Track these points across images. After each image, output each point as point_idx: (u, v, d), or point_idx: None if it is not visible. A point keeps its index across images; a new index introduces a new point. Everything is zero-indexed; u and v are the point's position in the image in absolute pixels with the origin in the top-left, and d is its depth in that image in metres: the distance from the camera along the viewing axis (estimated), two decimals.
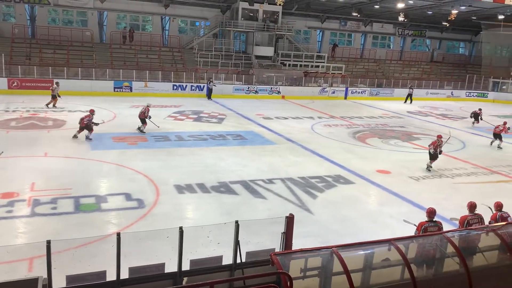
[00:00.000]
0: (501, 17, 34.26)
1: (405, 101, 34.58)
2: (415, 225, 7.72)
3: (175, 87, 30.21)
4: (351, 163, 15.21)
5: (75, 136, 16.26)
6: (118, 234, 5.78)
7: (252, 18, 35.80)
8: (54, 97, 22.91)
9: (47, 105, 22.62)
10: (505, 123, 19.63)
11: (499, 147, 19.15)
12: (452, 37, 47.96)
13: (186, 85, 30.52)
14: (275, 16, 36.43)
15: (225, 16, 36.52)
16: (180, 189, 11.68)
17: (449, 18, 34.45)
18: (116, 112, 22.47)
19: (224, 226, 6.62)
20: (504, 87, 40.15)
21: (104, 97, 26.89)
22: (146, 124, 18.00)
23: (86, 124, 16.06)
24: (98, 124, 16.30)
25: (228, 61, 34.34)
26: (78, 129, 16.27)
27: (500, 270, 6.57)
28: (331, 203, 11.42)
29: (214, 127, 20.21)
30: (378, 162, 15.70)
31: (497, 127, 19.49)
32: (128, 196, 10.93)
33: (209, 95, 29.78)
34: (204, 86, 30.57)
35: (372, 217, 10.70)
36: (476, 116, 25.25)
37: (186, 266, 6.29)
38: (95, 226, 9.16)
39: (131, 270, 5.99)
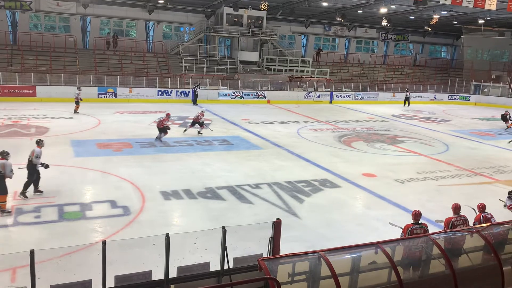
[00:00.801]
0: (481, 21, 34.98)
1: (404, 104, 35.55)
2: (400, 227, 7.80)
3: (160, 93, 30.06)
4: (337, 167, 15.31)
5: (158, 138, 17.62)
6: (104, 242, 5.70)
7: (237, 23, 35.89)
8: (77, 103, 23.42)
9: (75, 111, 23.17)
10: None
11: None
12: (434, 41, 48.77)
13: (171, 91, 30.39)
14: (260, 21, 36.59)
15: (209, 21, 36.54)
16: (166, 195, 11.59)
17: (431, 23, 35.05)
18: (101, 118, 22.24)
19: (211, 232, 6.58)
20: (485, 90, 40.93)
21: (88, 103, 26.57)
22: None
23: (164, 127, 17.19)
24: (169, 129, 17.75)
25: (213, 66, 34.34)
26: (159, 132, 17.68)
27: (485, 270, 6.66)
28: (318, 207, 11.46)
29: None
30: (363, 165, 15.83)
31: None
32: (113, 204, 10.80)
33: (194, 100, 29.72)
34: (189, 91, 30.47)
35: (359, 220, 10.76)
36: (504, 118, 26.01)
37: (173, 273, 6.23)
38: (80, 235, 9.03)
39: (117, 278, 5.90)
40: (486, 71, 42.71)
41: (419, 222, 7.61)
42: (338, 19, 37.15)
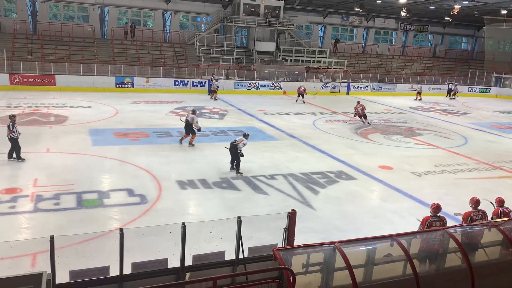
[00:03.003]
0: (504, 12, 34.04)
1: (447, 96, 36.28)
2: (418, 220, 7.74)
3: (176, 83, 30.19)
4: (353, 159, 15.21)
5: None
6: (121, 230, 5.80)
7: (254, 13, 35.69)
8: (214, 91, 27.11)
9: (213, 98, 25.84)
10: None
11: None
12: (454, 32, 47.74)
13: (188, 81, 30.50)
14: (277, 11, 36.31)
15: (226, 11, 36.43)
16: (182, 184, 11.70)
17: (451, 13, 34.31)
18: (118, 108, 22.48)
19: (226, 221, 6.63)
20: (507, 82, 39.99)
21: (105, 93, 26.91)
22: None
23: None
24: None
25: (230, 57, 34.29)
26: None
27: (503, 265, 6.57)
28: (333, 199, 11.43)
29: (216, 123, 20.21)
30: (380, 157, 15.69)
31: None
32: (130, 192, 10.96)
33: (210, 91, 29.80)
34: (205, 82, 30.52)
35: (374, 213, 10.70)
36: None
37: (189, 262, 6.31)
38: (98, 222, 9.20)
39: (134, 265, 6.01)
40: (508, 63, 41.66)
41: (438, 215, 7.53)
42: (356, 9, 36.67)
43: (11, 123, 12.48)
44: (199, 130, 15.72)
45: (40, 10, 32.48)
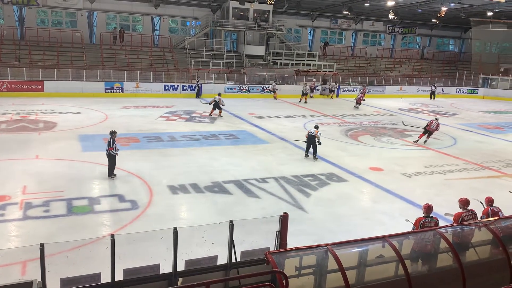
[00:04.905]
0: (489, 14, 34.56)
1: (430, 98, 36.30)
2: (411, 222, 7.79)
3: (166, 88, 30.10)
4: (344, 161, 15.28)
5: None
6: (112, 236, 5.76)
7: (243, 17, 35.78)
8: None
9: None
10: None
11: None
12: (442, 34, 48.29)
13: (178, 85, 30.41)
14: (266, 15, 36.43)
15: (215, 15, 36.46)
16: (173, 189, 11.65)
17: (438, 15, 34.72)
18: (108, 113, 22.34)
19: (218, 225, 6.62)
20: (493, 83, 40.51)
21: (95, 98, 26.73)
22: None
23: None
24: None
25: (220, 61, 34.30)
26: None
27: (493, 264, 6.64)
28: (324, 201, 11.46)
29: (206, 127, 20.18)
30: (370, 159, 15.78)
31: None
32: (121, 198, 10.88)
33: (198, 94, 29.78)
34: (195, 86, 30.45)
35: (366, 214, 10.76)
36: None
37: (181, 267, 6.28)
38: (88, 228, 9.11)
39: (126, 271, 5.96)
40: (495, 64, 42.24)
41: (431, 215, 7.59)
42: (344, 12, 36.91)
43: (111, 140, 12.15)
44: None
45: (28, 16, 32.21)
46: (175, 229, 6.03)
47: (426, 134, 18.75)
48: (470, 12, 36.98)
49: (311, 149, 15.33)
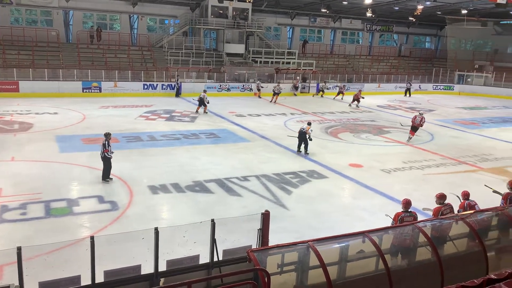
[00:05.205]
0: (464, 11, 35.27)
1: (405, 95, 36.42)
2: (390, 217, 7.92)
3: (145, 87, 29.77)
4: (324, 158, 15.40)
5: None
6: (92, 238, 5.68)
7: (222, 15, 35.65)
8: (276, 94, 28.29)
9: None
10: None
11: None
12: (418, 32, 49.09)
13: (157, 84, 30.12)
14: (245, 13, 36.39)
15: (194, 14, 36.24)
16: (154, 189, 11.55)
17: (415, 13, 35.23)
18: (86, 113, 21.98)
19: (200, 225, 6.59)
20: (469, 79, 41.45)
21: (72, 98, 26.26)
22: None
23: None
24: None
25: (199, 59, 34.11)
26: None
27: (470, 256, 6.79)
28: (306, 198, 11.54)
29: (187, 126, 20.06)
30: (350, 156, 15.96)
31: None
32: (100, 199, 10.74)
33: (177, 93, 29.59)
34: (175, 85, 30.22)
35: (346, 211, 10.88)
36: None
37: (162, 267, 6.24)
38: (67, 231, 8.96)
39: (107, 273, 5.89)
40: (470, 61, 43.19)
41: (409, 210, 7.73)
42: (323, 10, 37.15)
43: (106, 142, 11.86)
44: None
45: (1, 15, 31.35)
46: (156, 229, 5.98)
47: (413, 130, 18.81)
48: (446, 10, 37.69)
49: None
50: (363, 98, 28.98)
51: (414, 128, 18.73)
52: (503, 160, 16.20)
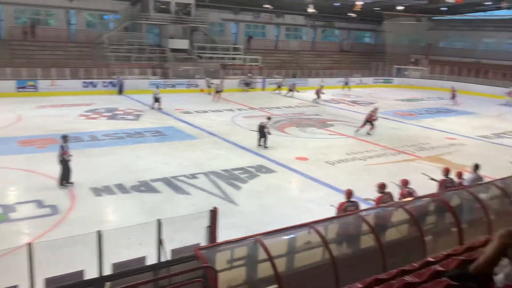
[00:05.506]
0: (400, 7, 36.91)
1: (343, 89, 36.73)
2: (335, 207, 8.15)
3: (85, 85, 28.56)
4: (272, 153, 15.58)
5: None
6: (29, 244, 5.38)
7: (165, 10, 34.88)
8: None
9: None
10: None
11: None
12: (359, 27, 50.70)
13: (98, 82, 29.01)
14: (188, 8, 35.85)
15: (135, 8, 35.18)
16: (97, 191, 11.14)
17: (354, 9, 36.35)
18: (21, 113, 20.75)
19: (145, 225, 6.45)
20: (406, 72, 43.50)
21: (5, 98, 24.67)
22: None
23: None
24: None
25: (142, 55, 33.22)
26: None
27: (410, 242, 7.13)
28: (254, 193, 11.63)
29: (130, 125, 19.50)
30: (296, 150, 16.25)
31: None
32: (39, 203, 10.20)
33: (120, 91, 28.69)
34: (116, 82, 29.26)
35: (294, 203, 11.08)
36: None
37: (108, 271, 6.05)
38: (4, 238, 8.43)
39: (48, 281, 5.62)
40: (406, 54, 45.30)
41: (352, 200, 8.00)
42: (266, 6, 37.40)
43: (65, 144, 11.24)
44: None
45: None
46: (98, 232, 5.78)
47: (367, 124, 19.42)
48: (383, 6, 39.22)
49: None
50: (323, 94, 29.76)
51: (368, 122, 19.49)
52: (438, 149, 17.18)
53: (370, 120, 19.37)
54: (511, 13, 40.94)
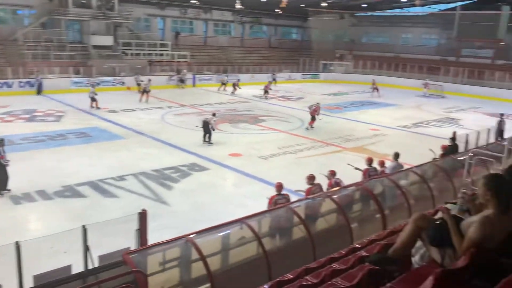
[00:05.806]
0: (324, 4, 38.15)
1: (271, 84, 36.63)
2: (267, 197, 8.26)
3: None
4: (205, 150, 15.46)
5: None
6: None
7: (85, 5, 33.18)
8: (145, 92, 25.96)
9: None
10: None
11: None
12: (286, 24, 51.71)
13: (13, 82, 26.96)
14: (111, 4, 34.39)
15: (52, 3, 33.06)
16: (15, 199, 10.36)
17: (280, 5, 36.99)
18: None
19: (70, 233, 6.10)
20: (331, 68, 45.14)
21: None
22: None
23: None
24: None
25: (62, 53, 31.36)
26: None
27: (338, 230, 7.42)
28: (187, 192, 11.46)
29: (51, 126, 18.34)
30: (230, 146, 16.27)
31: None
32: None
33: (39, 90, 26.88)
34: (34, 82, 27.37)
35: (228, 200, 11.07)
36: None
37: (30, 283, 5.64)
38: None
39: None
40: (331, 50, 47.03)
41: (282, 193, 8.14)
42: (193, 1, 36.92)
43: (1, 148, 10.17)
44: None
45: None
46: (16, 243, 5.37)
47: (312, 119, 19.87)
48: (308, 3, 40.31)
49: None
50: (271, 89, 30.43)
51: (313, 118, 19.95)
52: (363, 140, 18.06)
53: (313, 115, 19.91)
54: (426, 9, 44.06)
